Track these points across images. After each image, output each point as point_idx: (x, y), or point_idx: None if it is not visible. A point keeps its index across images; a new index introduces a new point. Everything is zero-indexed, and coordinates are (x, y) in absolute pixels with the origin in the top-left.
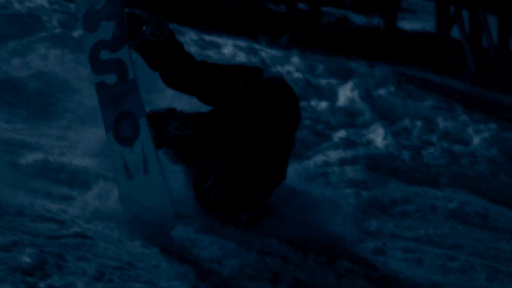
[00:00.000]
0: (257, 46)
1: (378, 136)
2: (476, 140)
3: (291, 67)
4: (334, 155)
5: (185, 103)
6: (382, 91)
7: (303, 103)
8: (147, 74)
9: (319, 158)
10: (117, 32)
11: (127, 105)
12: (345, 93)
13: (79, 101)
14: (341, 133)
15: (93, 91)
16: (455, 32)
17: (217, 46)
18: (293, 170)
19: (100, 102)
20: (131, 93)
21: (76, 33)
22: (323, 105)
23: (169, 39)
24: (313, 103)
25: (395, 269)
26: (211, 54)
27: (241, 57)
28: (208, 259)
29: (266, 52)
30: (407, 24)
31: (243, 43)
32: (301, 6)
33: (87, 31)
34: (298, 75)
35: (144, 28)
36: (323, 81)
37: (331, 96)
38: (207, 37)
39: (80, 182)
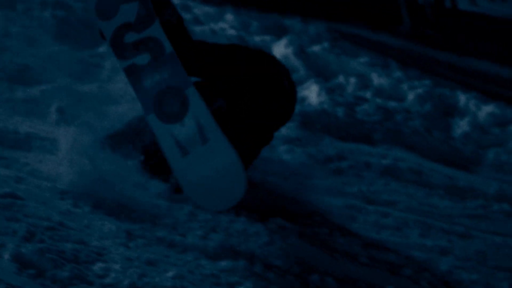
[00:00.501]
0: (190, 3)
1: (312, 93)
2: (411, 96)
3: (225, 24)
4: None
5: None
6: (316, 48)
7: None
8: None
9: None
10: (143, 11)
11: (169, 80)
12: (279, 50)
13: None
14: None
15: None
16: None
17: None
18: None
19: (133, 86)
20: (171, 66)
21: None
22: None
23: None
24: None
25: (328, 226)
26: None
27: None
28: (141, 218)
29: (199, 9)
30: None
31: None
32: None
33: (103, 19)
34: (232, 32)
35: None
36: (257, 38)
37: None
38: None
39: (11, 141)
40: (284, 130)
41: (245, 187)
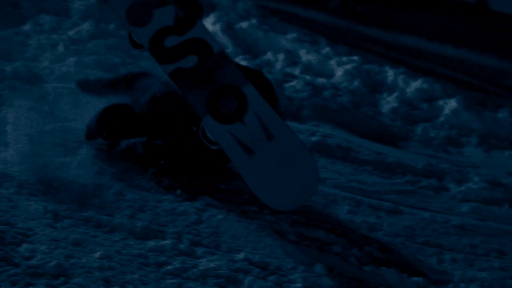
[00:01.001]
0: None
1: None
2: (339, 72)
3: None
4: None
5: None
6: (244, 25)
7: None
8: None
9: None
10: (181, 13)
11: (222, 79)
12: (207, 27)
13: None
14: None
15: None
16: None
17: None
18: None
19: (182, 89)
20: (223, 65)
21: None
22: None
23: None
24: None
25: (257, 204)
26: None
27: None
28: (68, 198)
29: None
30: None
31: None
32: None
33: (136, 26)
34: None
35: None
36: None
37: None
38: None
39: None
40: None
41: (317, 182)
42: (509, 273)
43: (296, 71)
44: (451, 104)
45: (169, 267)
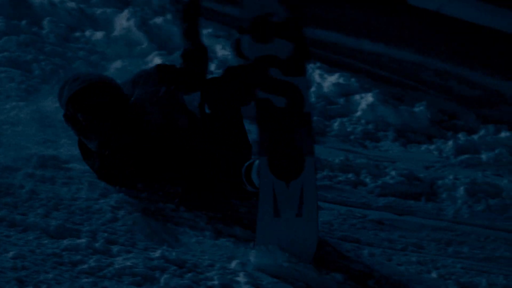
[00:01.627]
0: None
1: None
2: None
3: None
4: None
5: None
6: (159, 20)
7: (77, 34)
8: None
9: None
10: (295, 55)
11: (294, 138)
12: (121, 23)
13: None
14: (117, 64)
15: None
16: None
17: None
18: None
19: (258, 120)
20: (301, 126)
21: None
22: (98, 35)
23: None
24: (87, 33)
25: (173, 203)
26: None
27: None
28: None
29: None
30: None
31: None
32: None
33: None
34: (71, 4)
35: None
36: (98, 11)
37: (107, 26)
38: None
39: None
40: None
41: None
42: (427, 267)
43: (212, 67)
44: (368, 98)
45: (84, 266)
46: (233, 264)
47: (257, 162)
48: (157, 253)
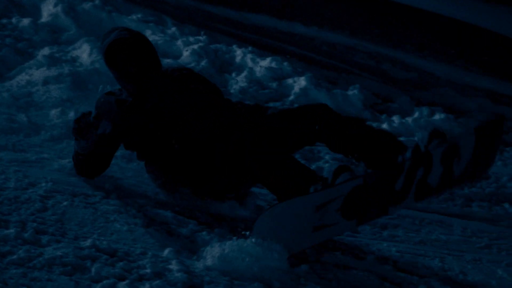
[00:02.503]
0: None
1: (83, 53)
2: (186, 52)
3: None
4: (38, 74)
5: None
6: (87, 6)
7: (4, 20)
8: None
9: (22, 78)
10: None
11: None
12: (48, 9)
13: None
14: (44, 51)
15: None
16: None
17: None
18: None
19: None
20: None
21: None
22: (25, 22)
23: None
24: (14, 20)
25: (104, 190)
26: None
27: None
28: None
29: None
30: None
31: None
32: None
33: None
34: None
35: None
36: None
37: (34, 12)
38: None
39: None
40: (54, 92)
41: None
42: (362, 251)
43: None
44: (301, 82)
45: (14, 257)
46: (166, 252)
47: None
48: (88, 242)
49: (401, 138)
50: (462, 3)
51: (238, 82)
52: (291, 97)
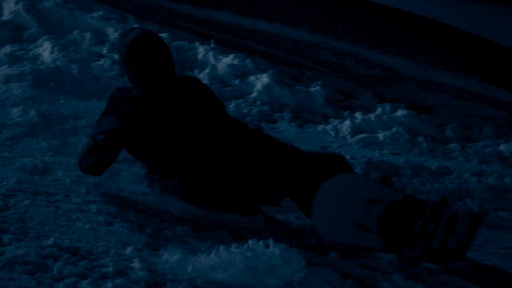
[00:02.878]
0: None
1: (45, 51)
2: None
3: None
4: None
5: None
6: (48, 3)
7: None
8: None
9: None
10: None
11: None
12: (10, 7)
13: None
14: (5, 49)
15: None
16: None
17: None
18: None
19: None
20: None
21: None
22: None
23: None
24: None
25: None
26: None
27: None
28: None
29: None
30: None
31: None
32: None
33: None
34: None
35: None
36: None
37: None
38: None
39: None
40: (16, 90)
41: None
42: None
43: (104, 50)
44: (263, 79)
45: None
46: (128, 250)
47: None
48: (50, 241)
49: (363, 135)
50: None
51: (200, 79)
52: (254, 94)
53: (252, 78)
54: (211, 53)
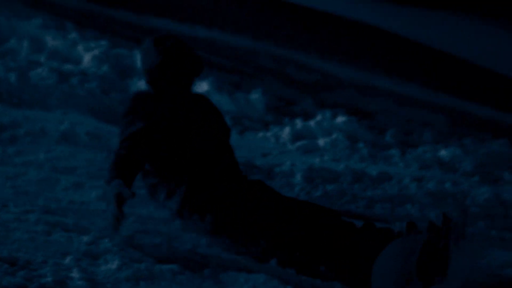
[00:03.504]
0: None
1: None
2: (87, 58)
3: None
4: None
5: None
6: None
7: None
8: None
9: None
10: None
11: None
12: None
13: None
14: None
15: None
16: None
17: None
18: None
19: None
20: None
21: None
22: None
23: None
24: None
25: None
26: None
27: None
28: None
29: None
30: None
31: None
32: None
33: None
34: None
35: None
36: None
37: None
38: None
39: None
40: None
41: None
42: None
43: (42, 58)
44: (203, 86)
45: None
46: (67, 260)
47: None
48: None
49: (304, 141)
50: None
51: (139, 87)
52: None
53: None
54: None
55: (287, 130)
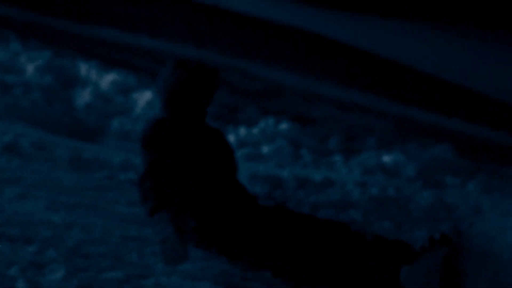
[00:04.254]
0: None
1: None
2: (30, 68)
3: None
4: None
5: None
6: None
7: None
8: None
9: None
10: None
11: None
12: None
13: None
14: None
15: None
16: None
17: None
18: None
19: None
20: None
21: None
22: None
23: None
24: None
25: None
26: None
27: None
28: None
29: None
30: None
31: None
32: None
33: None
34: None
35: None
36: None
37: None
38: None
39: None
40: None
41: None
42: (211, 263)
43: None
44: (147, 95)
45: None
46: (12, 270)
47: None
48: None
49: (247, 149)
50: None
51: (83, 97)
52: (137, 111)
53: (135, 94)
54: (93, 70)
55: (231, 137)
